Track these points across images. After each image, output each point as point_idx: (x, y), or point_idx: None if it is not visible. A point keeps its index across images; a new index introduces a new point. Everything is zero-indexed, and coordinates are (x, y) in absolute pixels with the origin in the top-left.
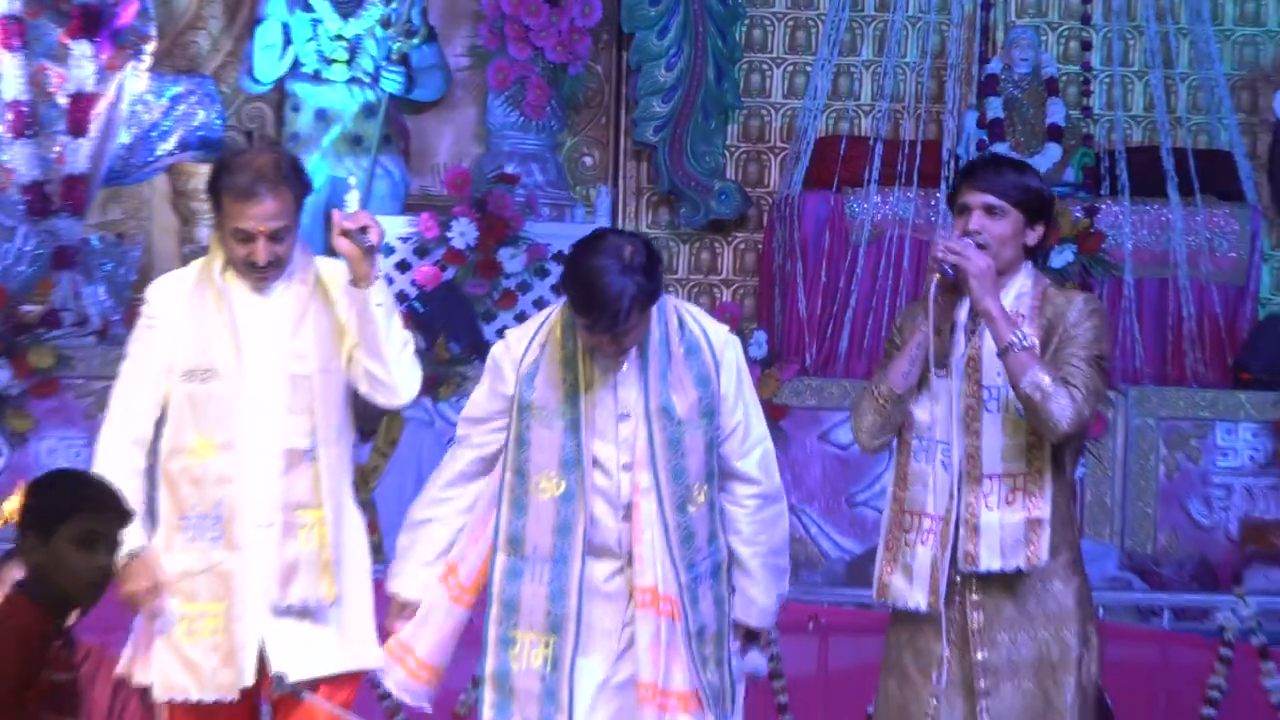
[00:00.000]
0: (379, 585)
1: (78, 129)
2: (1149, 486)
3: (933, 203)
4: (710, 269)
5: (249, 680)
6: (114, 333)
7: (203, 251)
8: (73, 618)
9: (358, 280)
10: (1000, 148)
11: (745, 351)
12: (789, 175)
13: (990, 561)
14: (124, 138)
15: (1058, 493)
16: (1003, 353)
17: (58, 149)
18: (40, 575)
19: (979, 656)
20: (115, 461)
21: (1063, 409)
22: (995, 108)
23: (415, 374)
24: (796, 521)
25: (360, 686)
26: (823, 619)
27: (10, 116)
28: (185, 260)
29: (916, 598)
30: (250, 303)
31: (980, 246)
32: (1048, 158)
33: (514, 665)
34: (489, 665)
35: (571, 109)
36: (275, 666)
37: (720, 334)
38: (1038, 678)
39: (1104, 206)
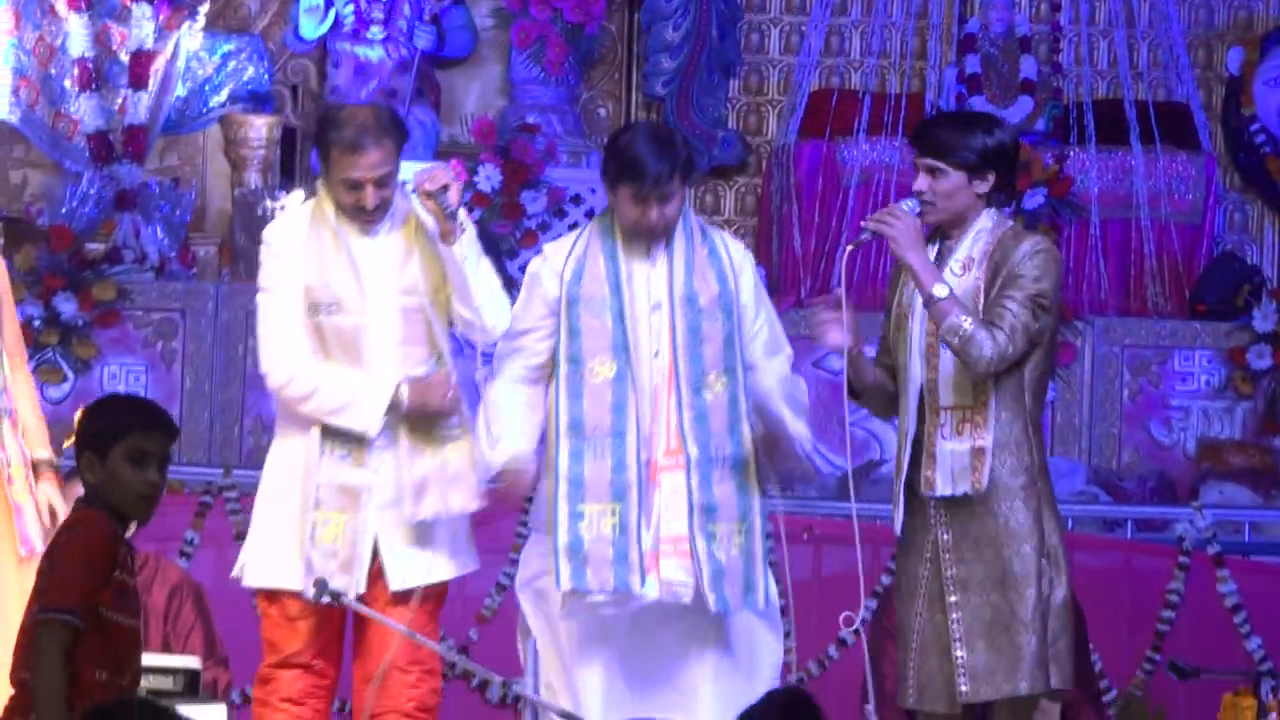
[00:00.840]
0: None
1: (138, 83)
2: (1113, 409)
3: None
4: (714, 210)
5: (361, 589)
6: (170, 269)
7: (252, 194)
8: (131, 529)
9: (443, 236)
10: (977, 100)
11: None
12: (785, 125)
13: (943, 487)
14: (180, 91)
15: (1009, 420)
16: (926, 303)
17: (120, 101)
18: (98, 492)
19: (949, 572)
20: (307, 361)
21: (980, 349)
22: (973, 64)
23: (506, 313)
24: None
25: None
26: (816, 530)
27: (77, 71)
28: (236, 203)
29: (896, 522)
30: (361, 244)
31: (927, 204)
32: (1020, 109)
33: (585, 535)
34: (561, 539)
35: (588, 65)
36: (390, 576)
37: (738, 247)
38: (1001, 590)
39: (1072, 154)
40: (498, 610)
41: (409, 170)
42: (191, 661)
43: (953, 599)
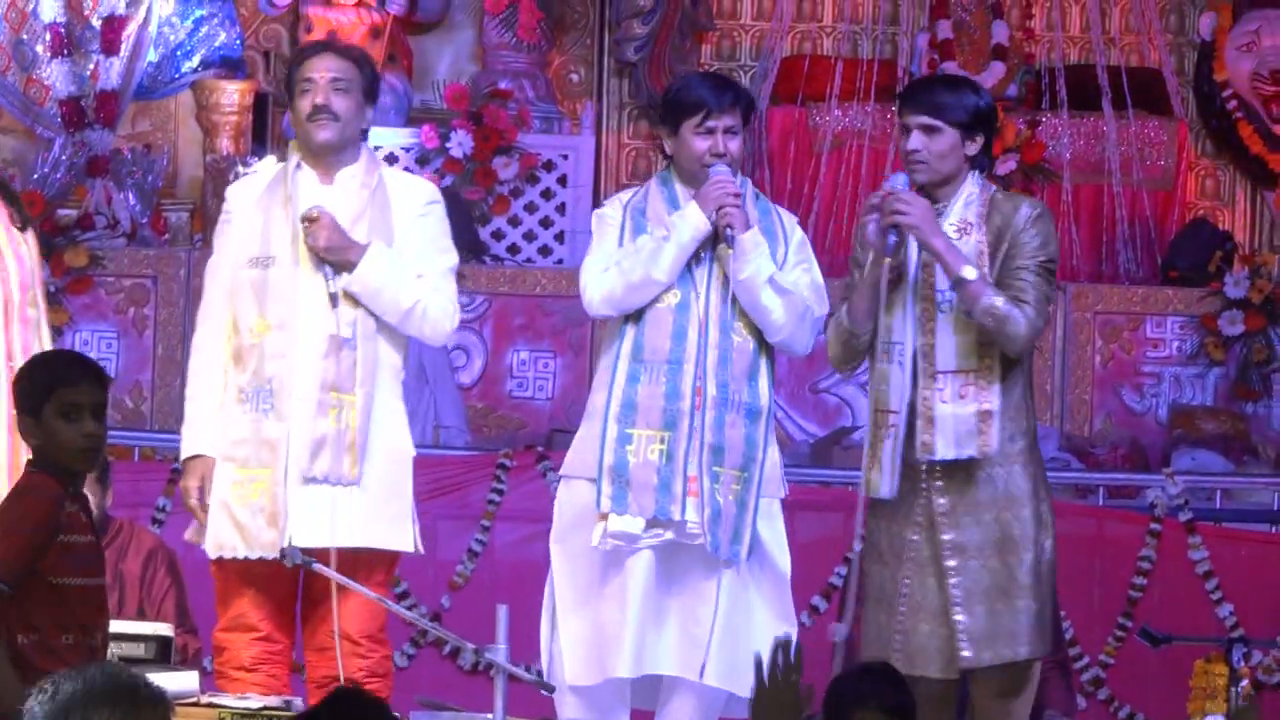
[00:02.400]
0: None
1: (110, 48)
2: (1086, 375)
3: (889, 116)
4: None
5: (292, 542)
6: (142, 235)
7: (223, 160)
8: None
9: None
10: (949, 66)
11: None
12: (757, 91)
13: (945, 451)
14: (152, 56)
15: (1011, 385)
16: (955, 285)
17: (92, 67)
18: (41, 452)
19: (945, 537)
20: (206, 358)
21: (1016, 327)
22: (945, 29)
23: (435, 323)
24: None
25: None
26: (789, 496)
27: (49, 37)
28: (207, 169)
29: (884, 486)
30: (316, 194)
31: (918, 164)
32: (992, 75)
33: (631, 459)
34: (607, 460)
35: (560, 31)
36: (293, 531)
37: (792, 218)
38: (1000, 555)
39: (1044, 119)
40: (470, 577)
41: (383, 137)
42: (164, 629)
43: (951, 564)
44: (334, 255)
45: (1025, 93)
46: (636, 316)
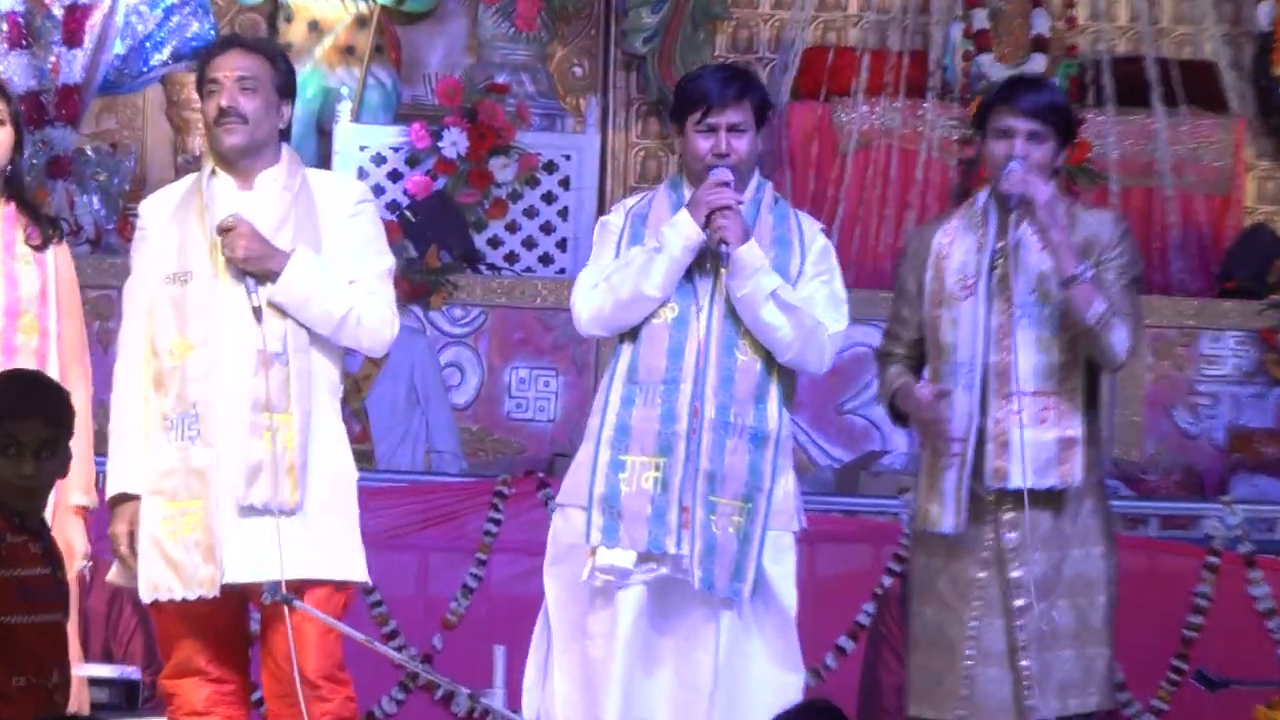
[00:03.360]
0: (368, 493)
1: (72, 39)
2: (1136, 394)
3: (919, 112)
4: None
5: (230, 577)
6: (108, 241)
7: (196, 161)
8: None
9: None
10: (985, 58)
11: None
12: (777, 85)
13: (1020, 479)
14: (118, 48)
15: (1091, 412)
16: (1067, 283)
17: (53, 59)
18: None
19: (1014, 575)
20: (127, 388)
21: (1121, 340)
22: (981, 19)
23: (372, 332)
24: None
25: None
26: (811, 527)
27: (5, 27)
28: (179, 169)
29: (946, 520)
30: (234, 201)
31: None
32: (1032, 68)
33: (624, 488)
34: (598, 489)
35: (561, 20)
36: (232, 567)
37: (813, 225)
38: (1071, 596)
39: (1089, 117)
40: (464, 615)
41: (370, 135)
42: (131, 672)
43: (1018, 604)
44: (255, 265)
45: (1069, 88)
46: (633, 334)
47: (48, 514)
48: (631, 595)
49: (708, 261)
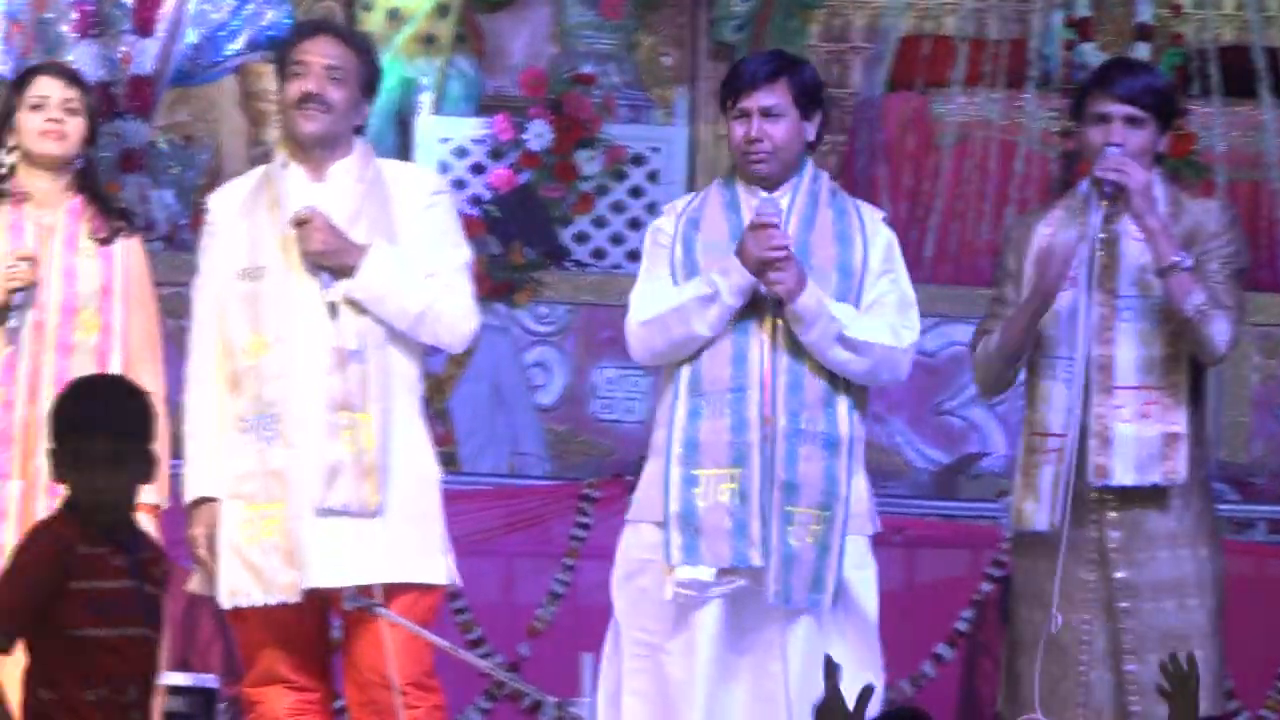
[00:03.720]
0: (452, 496)
1: (144, 29)
2: (1242, 395)
3: (1019, 103)
4: None
5: (312, 582)
6: (181, 237)
7: (271, 155)
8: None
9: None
10: (1087, 47)
11: None
12: (872, 76)
13: (1124, 476)
14: (191, 38)
15: (1194, 408)
16: (1164, 272)
17: (123, 49)
18: (69, 491)
19: (1118, 575)
20: (201, 390)
21: (1221, 332)
22: (1083, 6)
23: (451, 327)
24: (881, 431)
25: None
26: (908, 531)
27: (75, 16)
28: (254, 163)
29: (1039, 518)
30: (307, 193)
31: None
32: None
33: (700, 503)
34: (673, 507)
35: (649, 7)
36: (313, 570)
37: (875, 215)
38: (1178, 596)
39: (1195, 108)
40: (551, 622)
41: (451, 127)
42: (209, 680)
43: (1122, 605)
44: (330, 260)
45: (1174, 78)
46: None
47: None
48: (709, 611)
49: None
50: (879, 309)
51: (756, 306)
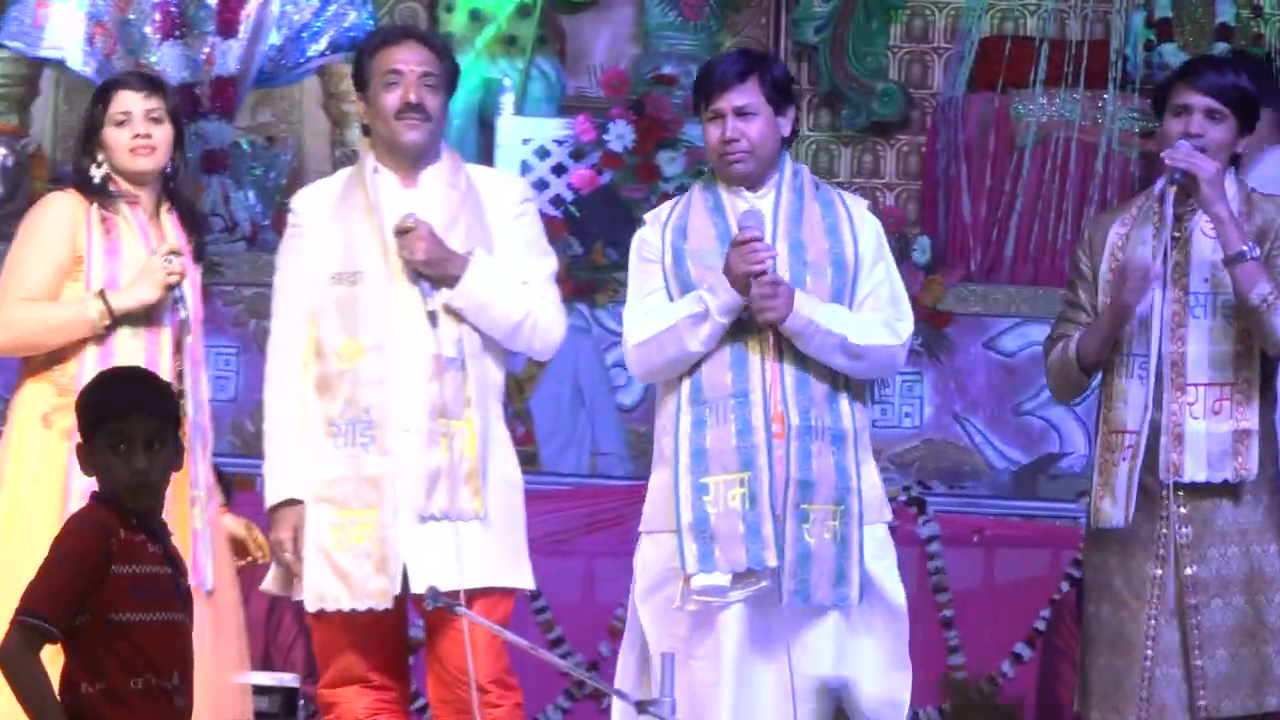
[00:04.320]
0: (532, 497)
1: (227, 30)
2: None
3: (1099, 104)
4: (872, 172)
5: (399, 589)
6: (263, 238)
7: (354, 156)
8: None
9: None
10: (1168, 48)
11: (909, 257)
12: (953, 76)
13: (1196, 472)
14: (274, 39)
15: (1267, 403)
16: (1231, 261)
17: (207, 50)
18: (99, 483)
19: (1188, 572)
20: (285, 391)
21: None
22: (1163, 6)
23: (545, 335)
24: (961, 431)
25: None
26: (988, 531)
27: (158, 17)
28: (337, 164)
29: (1117, 514)
30: (400, 200)
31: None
32: None
33: (711, 510)
34: (685, 517)
35: (730, 8)
36: (414, 576)
37: (859, 204)
38: (1248, 593)
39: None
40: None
41: (533, 128)
42: (289, 679)
43: (1191, 602)
44: (434, 269)
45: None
46: None
47: (203, 504)
48: (732, 614)
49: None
50: (874, 301)
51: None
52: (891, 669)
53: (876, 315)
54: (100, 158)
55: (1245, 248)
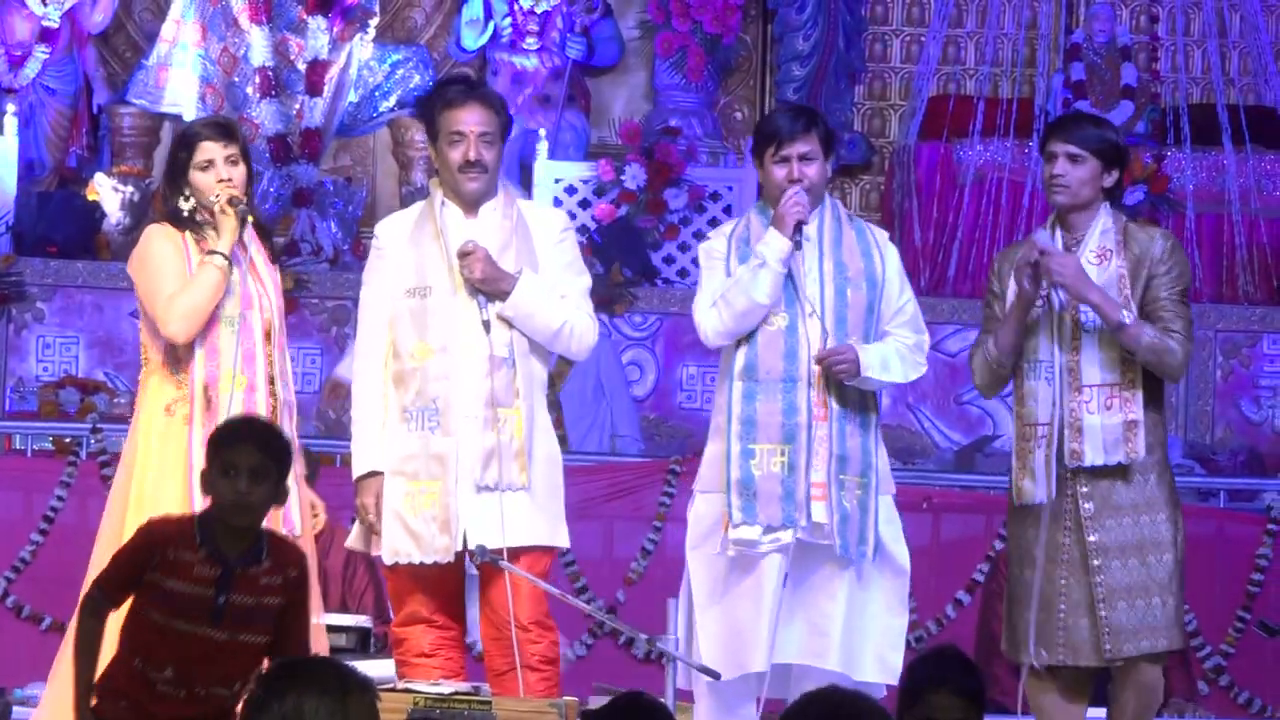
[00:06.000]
0: (564, 472)
1: (314, 90)
2: (1208, 388)
3: (1026, 150)
4: None
5: (460, 546)
6: (343, 260)
7: (418, 192)
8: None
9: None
10: (1082, 105)
11: None
12: (906, 128)
13: (1094, 457)
14: (352, 97)
15: (1151, 398)
16: (1116, 330)
17: (297, 106)
18: (212, 503)
19: (1091, 539)
20: (369, 383)
21: (1174, 357)
22: (1078, 71)
23: (580, 339)
24: (912, 417)
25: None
26: (935, 499)
27: (258, 79)
28: (403, 200)
29: (1038, 492)
30: (462, 228)
31: (1060, 188)
32: (1122, 113)
33: (756, 472)
34: (734, 475)
35: (725, 73)
36: (473, 536)
37: (882, 234)
38: (1141, 555)
39: (1169, 154)
40: (643, 574)
41: (563, 170)
42: (364, 620)
43: (1095, 563)
44: (489, 285)
45: (1152, 129)
46: (748, 337)
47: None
48: (773, 562)
49: (807, 276)
50: (901, 318)
51: (802, 310)
52: (890, 615)
53: (907, 341)
54: (188, 193)
55: (1120, 317)
